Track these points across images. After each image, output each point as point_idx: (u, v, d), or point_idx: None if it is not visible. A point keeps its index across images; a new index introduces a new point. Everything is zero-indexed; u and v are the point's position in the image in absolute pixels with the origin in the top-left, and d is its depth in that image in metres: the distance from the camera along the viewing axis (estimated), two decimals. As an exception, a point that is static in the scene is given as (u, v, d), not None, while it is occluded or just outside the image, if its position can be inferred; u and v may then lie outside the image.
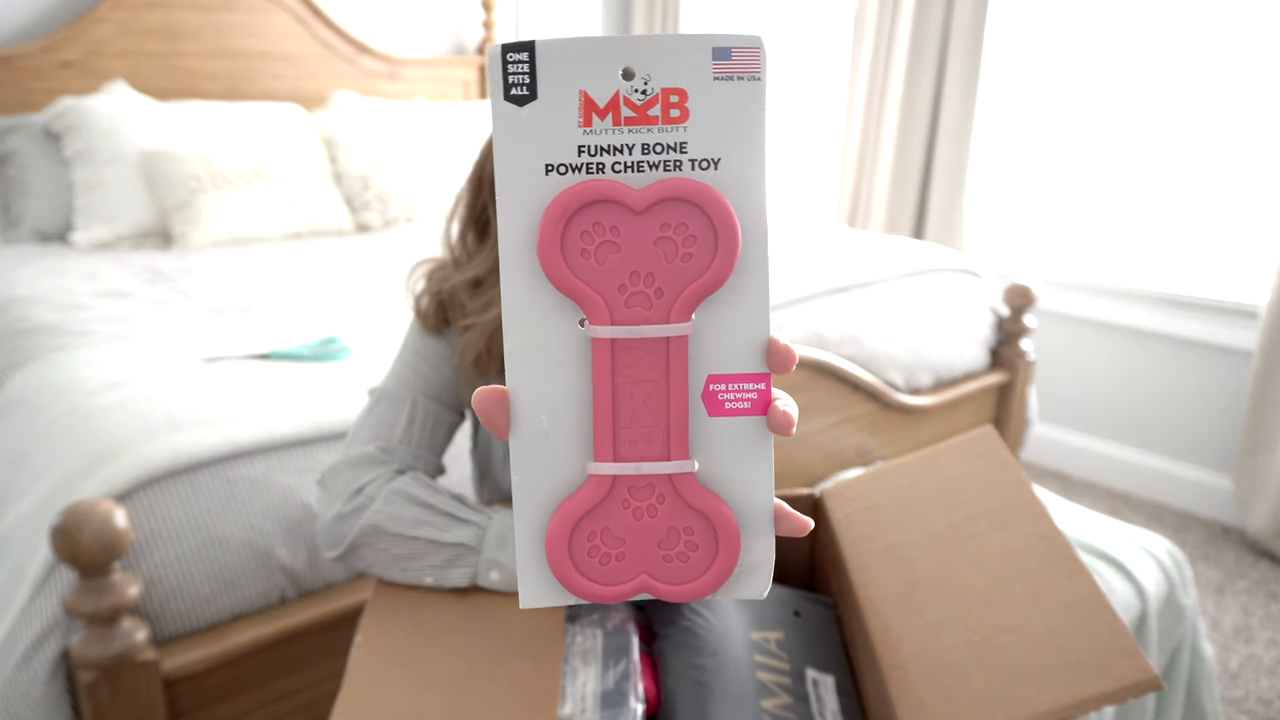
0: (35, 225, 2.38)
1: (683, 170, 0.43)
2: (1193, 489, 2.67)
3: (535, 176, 0.42)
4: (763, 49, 0.43)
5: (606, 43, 0.41)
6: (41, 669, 1.08)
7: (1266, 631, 2.09)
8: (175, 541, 1.16)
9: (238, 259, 2.24)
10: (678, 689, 0.82)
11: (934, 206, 2.98)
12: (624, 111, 0.42)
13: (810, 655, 0.90)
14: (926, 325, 2.14)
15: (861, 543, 0.93)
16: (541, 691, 0.73)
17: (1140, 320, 2.70)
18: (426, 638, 0.79)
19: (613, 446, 0.44)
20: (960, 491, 0.92)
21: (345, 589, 1.28)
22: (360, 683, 0.75)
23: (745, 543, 0.45)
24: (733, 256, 0.43)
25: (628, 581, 0.45)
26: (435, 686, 0.74)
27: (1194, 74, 2.53)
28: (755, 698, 0.82)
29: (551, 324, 0.43)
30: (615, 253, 0.43)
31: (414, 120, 2.93)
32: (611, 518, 0.45)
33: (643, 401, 0.45)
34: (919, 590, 0.84)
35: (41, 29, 2.62)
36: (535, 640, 0.79)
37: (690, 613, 0.87)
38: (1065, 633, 0.74)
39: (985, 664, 0.75)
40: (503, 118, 0.42)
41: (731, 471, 0.45)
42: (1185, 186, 2.60)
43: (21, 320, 1.70)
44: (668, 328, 0.44)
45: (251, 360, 1.50)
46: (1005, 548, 0.84)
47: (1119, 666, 0.70)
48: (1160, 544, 1.50)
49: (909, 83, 2.92)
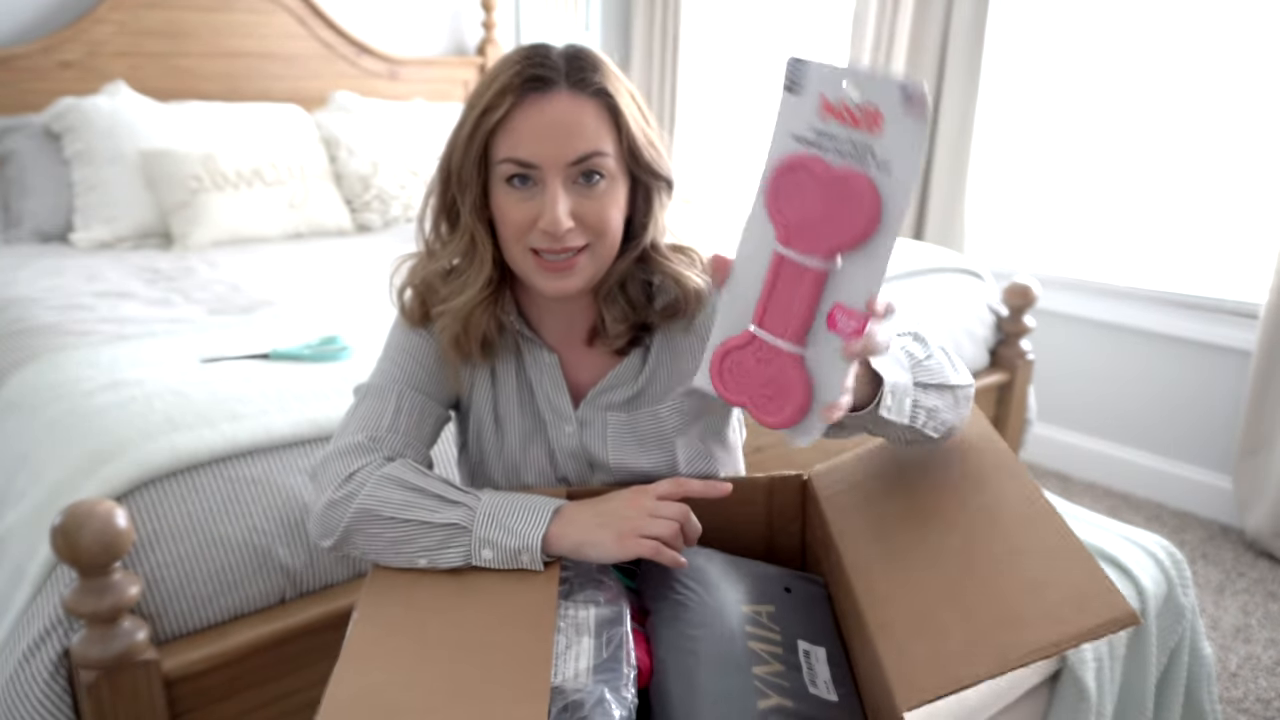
0: (35, 225, 2.38)
1: (866, 164, 0.68)
2: (1192, 489, 2.67)
3: (786, 139, 0.71)
4: (927, 101, 0.65)
5: (848, 69, 0.67)
6: (42, 669, 1.08)
7: (1265, 631, 2.09)
8: (175, 541, 1.17)
9: (238, 259, 2.24)
10: (669, 658, 0.82)
11: (934, 207, 2.98)
12: (845, 114, 0.68)
13: (801, 628, 0.91)
14: (926, 325, 2.14)
15: (848, 517, 0.95)
16: (536, 658, 0.74)
17: (1140, 320, 2.70)
18: (422, 611, 0.81)
19: (762, 318, 0.73)
20: (941, 460, 0.95)
21: (345, 589, 1.28)
22: (357, 652, 0.76)
23: (807, 415, 0.72)
24: (868, 230, 0.68)
25: (737, 397, 0.74)
26: (431, 656, 0.76)
27: (1194, 73, 2.53)
28: (747, 665, 0.83)
29: (763, 235, 0.72)
30: (804, 201, 0.70)
31: (414, 120, 2.93)
32: (745, 358, 0.74)
33: (788, 301, 0.71)
34: (902, 555, 0.87)
35: (42, 29, 2.62)
36: (529, 612, 0.80)
37: (681, 587, 0.88)
38: (1044, 582, 0.76)
39: (968, 615, 0.77)
40: (782, 101, 0.71)
41: (823, 367, 0.71)
42: (1185, 186, 2.60)
43: (21, 320, 1.70)
44: (814, 260, 0.70)
45: (251, 360, 1.51)
46: (986, 508, 0.86)
47: (1096, 605, 0.72)
48: (1159, 544, 1.51)
49: (909, 83, 2.92)
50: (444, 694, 0.72)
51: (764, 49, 3.51)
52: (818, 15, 3.34)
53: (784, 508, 1.05)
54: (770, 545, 1.06)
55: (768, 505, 1.04)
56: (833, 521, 0.96)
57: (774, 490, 1.04)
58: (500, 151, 0.87)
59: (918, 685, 0.74)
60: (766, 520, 1.05)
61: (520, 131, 0.85)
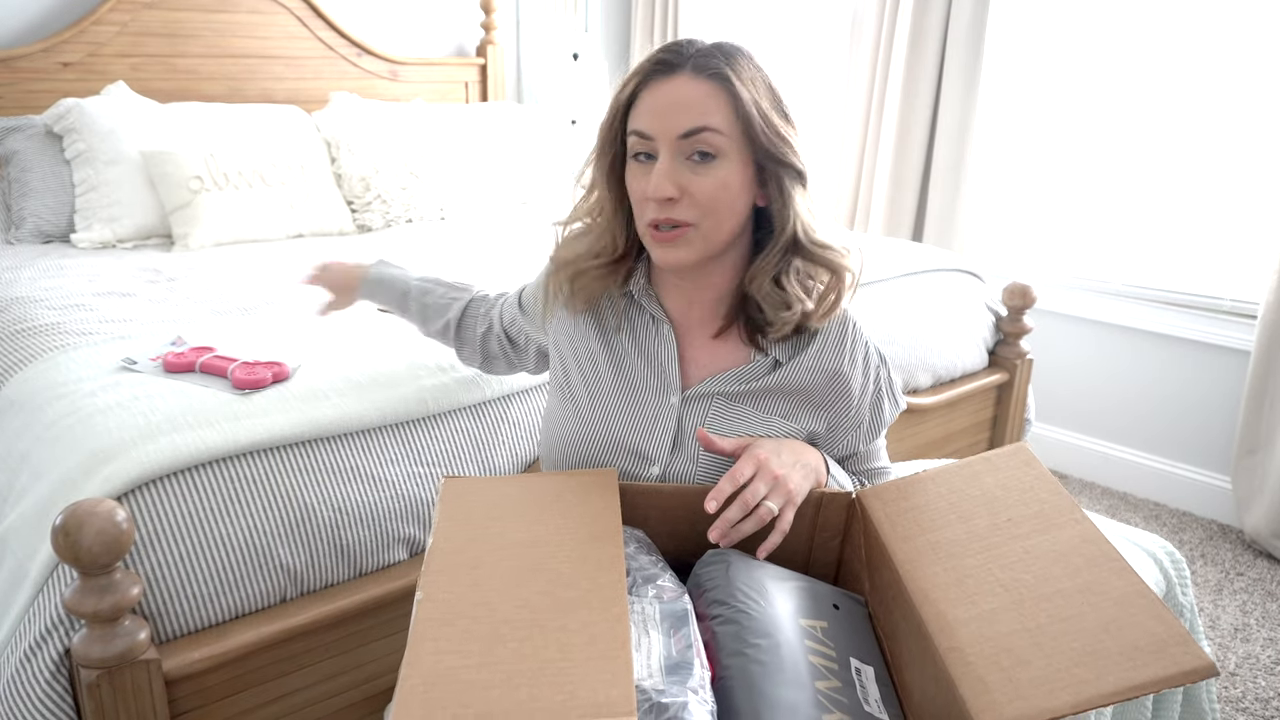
0: (37, 226, 2.38)
1: None
2: (1191, 488, 2.67)
3: None
4: None
5: None
6: (43, 668, 1.08)
7: (1264, 630, 2.10)
8: (176, 541, 1.17)
9: (239, 259, 2.25)
10: (733, 665, 0.82)
11: (933, 208, 2.98)
12: None
13: (853, 646, 0.90)
14: (925, 325, 2.14)
15: (907, 540, 0.94)
16: (614, 641, 0.73)
17: (1138, 320, 2.70)
18: (487, 592, 0.79)
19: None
20: (1001, 498, 0.94)
21: (345, 589, 1.28)
22: (425, 634, 0.74)
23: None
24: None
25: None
26: (504, 635, 0.74)
27: (1193, 72, 2.53)
28: (809, 678, 0.82)
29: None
30: None
31: (414, 121, 2.93)
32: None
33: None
34: (970, 582, 0.86)
35: (43, 30, 2.63)
36: (599, 594, 0.79)
37: (742, 596, 0.87)
38: (1119, 624, 0.76)
39: (1044, 649, 0.77)
40: None
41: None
42: (1184, 186, 2.60)
43: (23, 320, 1.71)
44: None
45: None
46: (1050, 549, 0.86)
47: (1175, 653, 0.72)
48: (1158, 543, 1.51)
49: (908, 84, 2.93)
50: (525, 674, 0.70)
51: (764, 50, 3.51)
52: (817, 16, 3.34)
53: (828, 523, 1.03)
54: (809, 559, 1.05)
55: (814, 519, 1.02)
56: (889, 542, 0.94)
57: (822, 505, 1.01)
58: (629, 126, 0.97)
59: (1000, 712, 0.73)
60: (809, 534, 1.03)
61: (643, 106, 0.95)
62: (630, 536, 0.93)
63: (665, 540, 0.99)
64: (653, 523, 0.99)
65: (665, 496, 0.99)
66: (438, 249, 2.40)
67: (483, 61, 3.47)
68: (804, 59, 3.41)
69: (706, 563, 0.92)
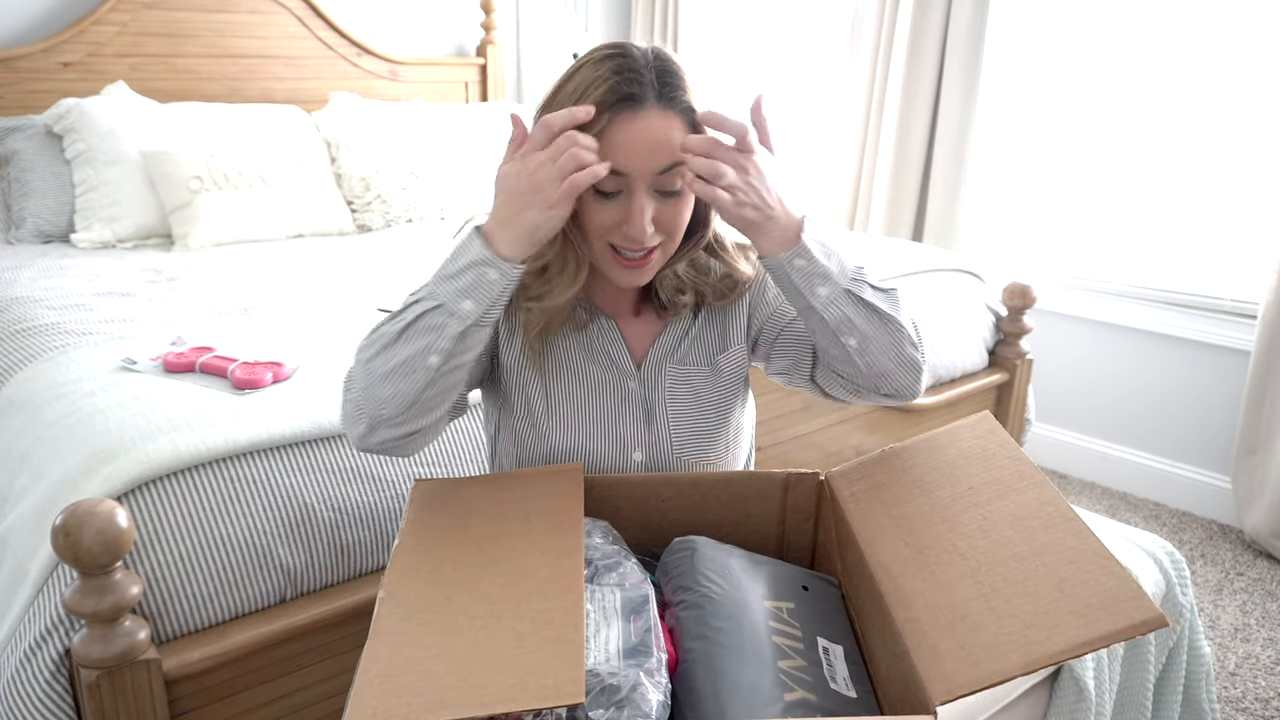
0: (37, 225, 2.39)
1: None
2: (1191, 488, 2.67)
3: None
4: None
5: None
6: (43, 668, 1.08)
7: (1264, 630, 2.10)
8: (176, 541, 1.17)
9: (239, 259, 2.25)
10: (695, 648, 0.83)
11: (933, 208, 2.98)
12: None
13: (820, 626, 0.92)
14: (925, 325, 2.14)
15: (870, 518, 0.96)
16: (568, 626, 0.74)
17: (1138, 320, 2.70)
18: (447, 588, 0.81)
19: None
20: (962, 468, 0.96)
21: (345, 589, 1.28)
22: (386, 629, 0.76)
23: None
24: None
25: None
26: (460, 626, 0.76)
27: (1193, 74, 2.53)
28: (772, 658, 0.83)
29: None
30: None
31: (414, 121, 2.93)
32: None
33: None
34: (928, 554, 0.88)
35: (43, 30, 2.63)
36: (556, 583, 0.80)
37: (705, 580, 0.89)
38: (1072, 582, 0.78)
39: (997, 613, 0.78)
40: None
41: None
42: (1184, 186, 2.60)
43: (23, 320, 1.71)
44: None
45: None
46: (1009, 513, 0.88)
47: (1125, 607, 0.73)
48: (1158, 543, 1.51)
49: (908, 84, 2.93)
50: (479, 662, 0.72)
51: (764, 50, 3.52)
52: (817, 16, 3.34)
53: (798, 505, 1.06)
54: (782, 543, 1.07)
55: (783, 501, 1.05)
56: (853, 520, 0.96)
57: (790, 486, 1.04)
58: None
59: (950, 680, 0.74)
60: (780, 517, 1.06)
61: (614, 144, 0.91)
62: (595, 527, 0.95)
63: (638, 531, 1.02)
64: (624, 514, 1.02)
65: (636, 487, 1.02)
66: (438, 249, 2.40)
67: (483, 61, 3.47)
68: (804, 59, 3.41)
69: (674, 550, 0.94)
